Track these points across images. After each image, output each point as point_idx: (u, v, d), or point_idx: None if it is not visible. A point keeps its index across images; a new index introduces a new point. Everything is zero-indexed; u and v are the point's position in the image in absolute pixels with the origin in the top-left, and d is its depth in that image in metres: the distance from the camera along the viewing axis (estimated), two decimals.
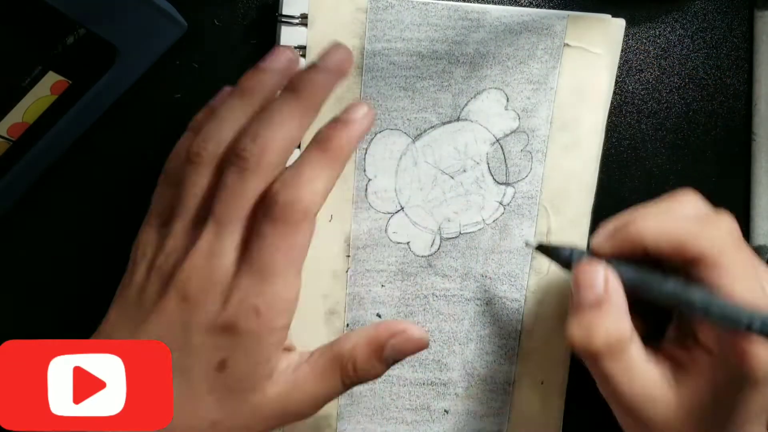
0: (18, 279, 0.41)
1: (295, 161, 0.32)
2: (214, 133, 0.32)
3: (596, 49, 0.39)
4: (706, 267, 0.32)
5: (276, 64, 0.33)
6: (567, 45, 0.39)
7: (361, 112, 0.33)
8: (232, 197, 0.31)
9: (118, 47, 0.35)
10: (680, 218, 0.33)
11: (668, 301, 0.32)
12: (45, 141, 0.36)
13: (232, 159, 0.31)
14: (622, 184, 0.43)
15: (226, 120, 0.33)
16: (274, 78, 0.33)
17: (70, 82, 0.35)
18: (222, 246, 0.31)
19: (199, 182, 0.32)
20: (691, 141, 0.43)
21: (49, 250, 0.41)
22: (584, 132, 0.40)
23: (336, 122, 0.33)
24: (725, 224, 0.33)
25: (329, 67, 0.33)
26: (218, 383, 0.32)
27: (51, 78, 0.35)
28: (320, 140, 0.32)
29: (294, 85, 0.32)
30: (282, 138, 0.31)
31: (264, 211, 0.31)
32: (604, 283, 0.33)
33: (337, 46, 0.33)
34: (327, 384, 0.34)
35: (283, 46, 0.35)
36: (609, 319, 0.32)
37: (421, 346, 0.34)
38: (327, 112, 0.38)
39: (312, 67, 0.33)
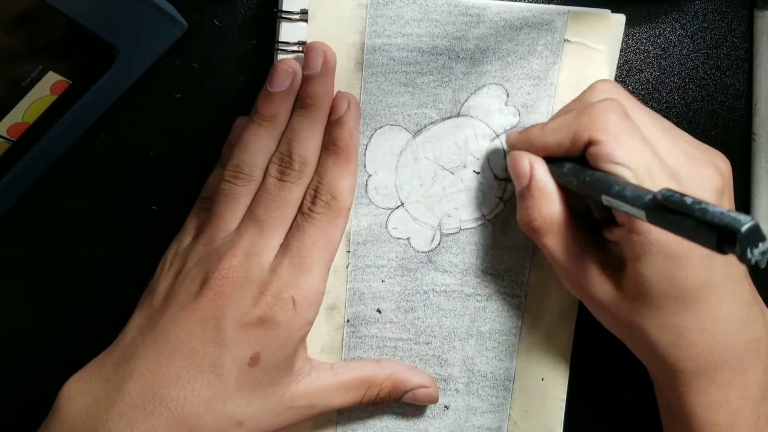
0: (18, 279, 0.41)
1: (318, 168, 0.37)
2: (246, 157, 0.37)
3: (596, 45, 0.39)
4: (594, 145, 0.34)
5: (282, 85, 0.37)
6: (567, 41, 0.39)
7: (344, 104, 0.37)
8: (276, 203, 0.36)
9: (118, 47, 0.35)
10: (570, 119, 0.35)
11: (591, 190, 0.34)
12: (45, 141, 0.36)
13: (273, 174, 0.36)
14: None
15: (255, 144, 0.37)
16: (286, 100, 0.37)
17: (70, 82, 0.35)
18: (263, 245, 0.36)
19: (233, 199, 0.36)
20: None
21: (49, 250, 0.41)
22: None
23: (330, 125, 0.37)
24: (607, 104, 0.34)
25: (321, 72, 0.37)
26: (248, 379, 0.35)
27: (51, 78, 0.35)
28: (328, 145, 0.37)
29: (305, 102, 0.37)
30: (313, 149, 0.37)
31: (303, 210, 0.37)
32: (530, 169, 0.36)
33: (312, 49, 0.37)
34: (348, 397, 0.39)
35: (281, 61, 0.37)
36: (540, 201, 0.36)
37: (432, 402, 0.42)
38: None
39: (308, 79, 0.37)
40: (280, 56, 0.38)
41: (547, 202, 0.36)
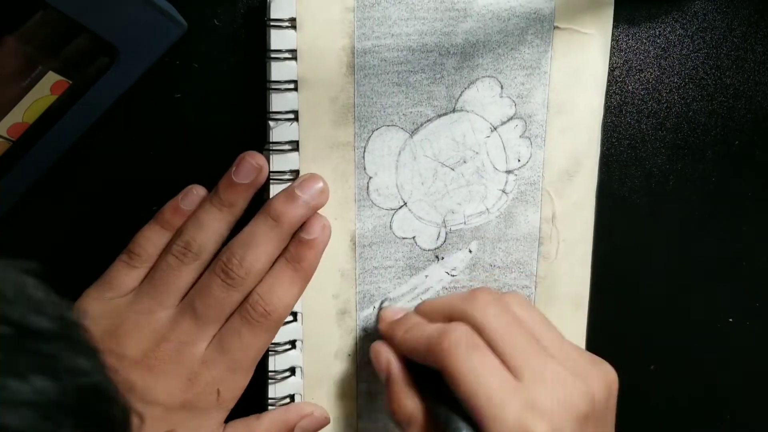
0: None
1: (272, 275, 0.33)
2: (198, 236, 0.33)
3: (587, 29, 0.35)
4: (447, 376, 0.30)
5: (246, 178, 0.34)
6: (557, 27, 0.35)
7: (319, 228, 0.34)
8: (215, 303, 0.33)
9: (118, 47, 0.32)
10: (427, 330, 0.32)
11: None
12: (45, 141, 0.33)
13: (219, 273, 0.33)
14: (622, 184, 0.38)
15: (208, 227, 0.33)
16: (248, 192, 0.34)
17: (70, 82, 0.32)
18: (198, 338, 0.33)
19: (175, 276, 0.33)
20: (691, 141, 0.38)
21: (49, 250, 0.37)
22: (582, 113, 0.35)
23: (302, 243, 0.34)
24: (458, 330, 0.31)
25: (310, 203, 0.34)
26: None
27: (51, 78, 0.31)
28: (292, 259, 0.34)
29: (276, 212, 0.33)
30: (264, 261, 0.33)
31: (244, 314, 0.33)
32: (387, 365, 0.33)
33: (316, 179, 0.34)
34: None
35: (249, 154, 0.34)
36: (399, 396, 0.32)
37: (324, 425, 0.37)
38: (322, 113, 0.34)
39: (293, 196, 0.34)
40: (273, 65, 0.34)
41: (404, 398, 0.32)
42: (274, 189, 0.35)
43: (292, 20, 0.34)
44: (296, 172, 0.35)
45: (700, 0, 0.37)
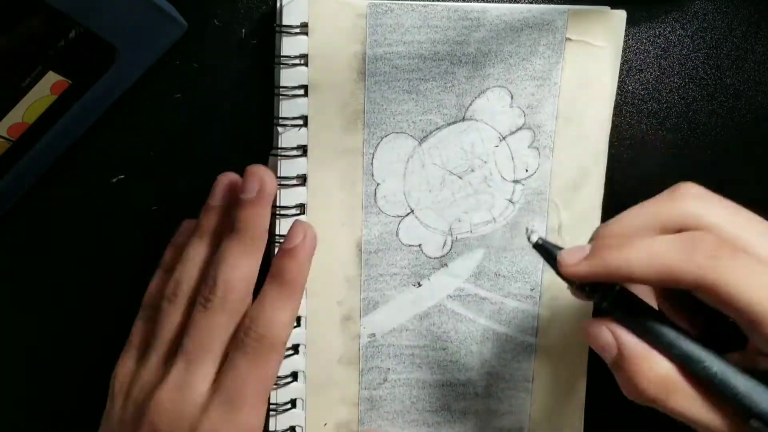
0: (17, 279, 0.36)
1: (260, 296, 0.31)
2: (185, 273, 0.31)
3: (598, 42, 0.34)
4: (709, 291, 0.24)
5: (216, 201, 0.32)
6: (569, 39, 0.34)
7: (300, 236, 0.31)
8: (201, 334, 0.30)
9: (118, 47, 0.30)
10: (666, 241, 0.25)
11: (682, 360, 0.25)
12: (45, 141, 0.31)
13: (200, 301, 0.30)
14: (622, 184, 0.37)
15: (192, 260, 0.32)
16: (218, 214, 0.32)
17: (70, 82, 0.30)
18: (192, 379, 0.29)
19: (174, 319, 0.31)
20: (691, 141, 0.38)
21: (49, 250, 0.35)
22: (590, 125, 0.35)
23: (282, 253, 0.31)
24: (708, 240, 0.25)
25: (255, 198, 0.31)
26: None
27: (51, 78, 0.30)
28: (275, 274, 0.31)
29: (233, 225, 0.31)
30: (240, 275, 0.30)
31: (237, 343, 0.30)
32: (615, 341, 0.26)
33: (250, 173, 0.31)
34: None
35: (223, 175, 0.32)
36: (642, 367, 0.25)
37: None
38: (332, 119, 0.33)
39: (239, 202, 0.31)
40: (283, 71, 0.32)
41: (651, 365, 0.25)
42: (283, 193, 0.33)
43: (304, 25, 0.32)
44: (303, 177, 0.33)
45: (700, 0, 0.36)
